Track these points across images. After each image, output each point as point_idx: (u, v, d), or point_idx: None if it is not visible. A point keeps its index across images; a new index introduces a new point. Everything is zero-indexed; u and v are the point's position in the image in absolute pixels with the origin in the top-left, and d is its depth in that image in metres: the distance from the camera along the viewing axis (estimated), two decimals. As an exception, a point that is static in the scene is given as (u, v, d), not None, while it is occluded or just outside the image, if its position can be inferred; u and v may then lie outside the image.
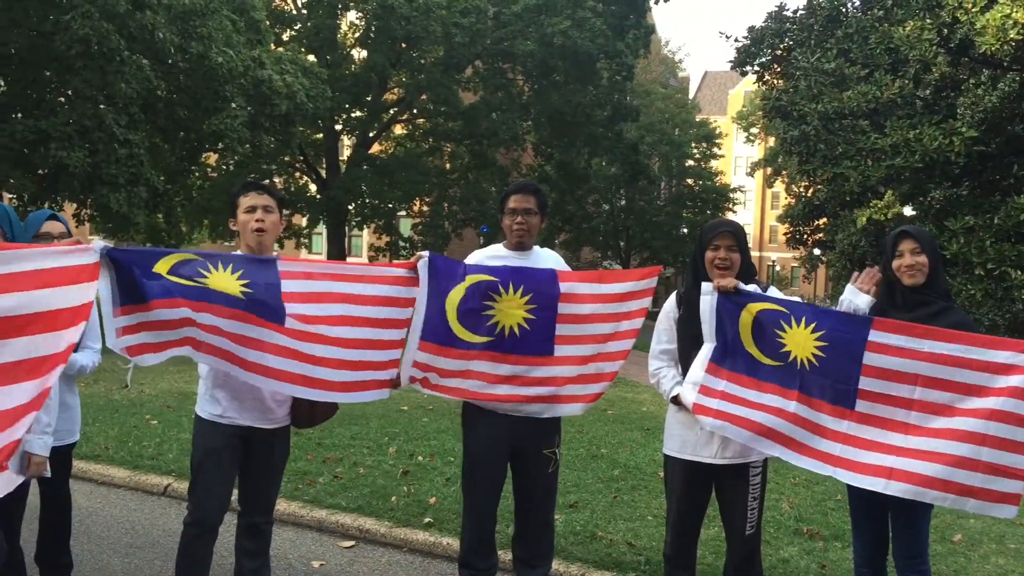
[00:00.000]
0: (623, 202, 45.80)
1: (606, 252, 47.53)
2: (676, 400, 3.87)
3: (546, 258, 4.34)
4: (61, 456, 4.44)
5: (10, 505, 3.85)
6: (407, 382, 4.04)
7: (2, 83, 18.32)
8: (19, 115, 17.07)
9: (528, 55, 27.48)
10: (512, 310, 4.02)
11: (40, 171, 17.05)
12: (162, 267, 3.52)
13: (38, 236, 3.98)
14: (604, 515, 5.95)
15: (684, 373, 3.88)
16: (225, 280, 3.60)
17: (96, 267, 3.26)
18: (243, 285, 3.62)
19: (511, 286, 4.02)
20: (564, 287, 4.09)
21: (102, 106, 16.62)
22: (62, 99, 17.65)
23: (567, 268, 4.35)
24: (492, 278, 4.04)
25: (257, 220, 3.97)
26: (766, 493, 4.00)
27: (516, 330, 4.03)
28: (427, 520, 5.70)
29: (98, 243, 3.39)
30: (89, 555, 5.18)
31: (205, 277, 3.57)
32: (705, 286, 3.73)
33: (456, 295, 4.00)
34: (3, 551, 3.04)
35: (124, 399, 9.89)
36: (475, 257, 4.34)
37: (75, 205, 19.49)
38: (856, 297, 3.78)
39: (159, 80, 17.86)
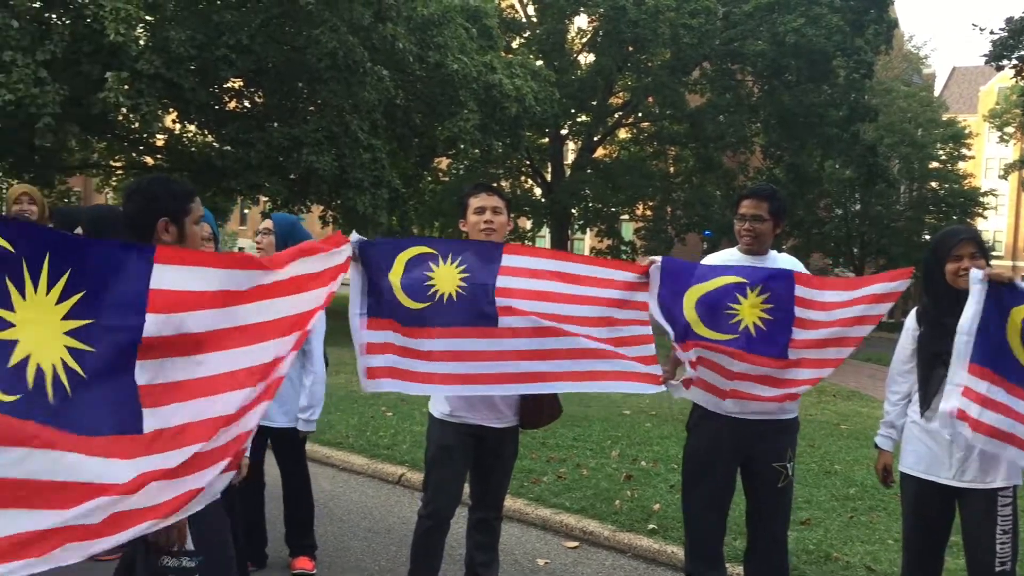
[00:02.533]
0: (858, 206, 43.43)
1: (838, 259, 45.28)
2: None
3: (783, 264, 4.17)
4: (295, 435, 4.75)
5: (247, 490, 4.21)
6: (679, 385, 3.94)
7: (261, 95, 19.98)
8: (275, 124, 18.55)
9: (759, 55, 26.72)
10: (751, 308, 3.86)
11: (292, 175, 18.42)
12: (398, 268, 3.52)
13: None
14: (839, 535, 5.64)
15: (923, 394, 3.65)
16: (448, 274, 3.58)
17: (345, 265, 3.16)
18: (462, 279, 3.59)
19: (759, 287, 3.87)
20: (801, 291, 3.90)
21: (347, 114, 17.73)
22: (312, 108, 19.00)
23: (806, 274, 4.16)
24: (740, 279, 3.90)
25: (486, 221, 4.04)
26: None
27: (752, 329, 3.85)
28: (651, 526, 5.64)
29: (354, 236, 3.41)
30: (332, 537, 5.50)
31: (432, 272, 3.56)
32: (975, 273, 3.39)
33: (693, 295, 3.89)
34: (226, 522, 3.17)
35: (362, 390, 10.48)
36: (711, 261, 4.24)
37: (321, 207, 20.94)
38: None
39: (397, 89, 18.86)
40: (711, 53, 28.01)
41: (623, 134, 33.79)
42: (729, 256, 4.24)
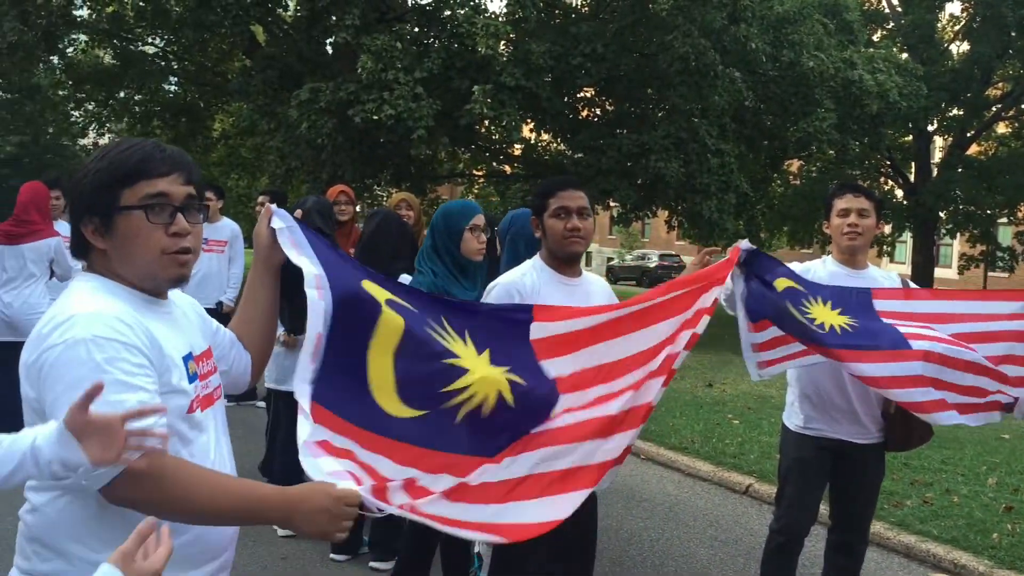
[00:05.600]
0: None
1: None
2: None
3: None
4: None
5: None
6: None
7: (611, 103, 20.46)
8: (624, 131, 18.88)
9: None
10: None
11: (639, 181, 18.65)
12: (780, 285, 3.44)
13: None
14: None
15: None
16: (825, 314, 3.42)
17: (722, 277, 3.09)
18: (845, 321, 3.39)
19: None
20: None
21: (695, 119, 17.61)
22: (660, 114, 19.10)
23: None
24: None
25: (850, 224, 3.79)
26: None
27: None
28: (1038, 568, 4.99)
29: (744, 243, 3.41)
30: (677, 540, 5.45)
31: (809, 307, 3.43)
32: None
33: None
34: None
35: (707, 397, 10.33)
36: None
37: (667, 212, 21.01)
38: None
39: (748, 91, 18.43)
40: (1116, 32, 24.38)
41: (1002, 128, 30.37)
42: None
